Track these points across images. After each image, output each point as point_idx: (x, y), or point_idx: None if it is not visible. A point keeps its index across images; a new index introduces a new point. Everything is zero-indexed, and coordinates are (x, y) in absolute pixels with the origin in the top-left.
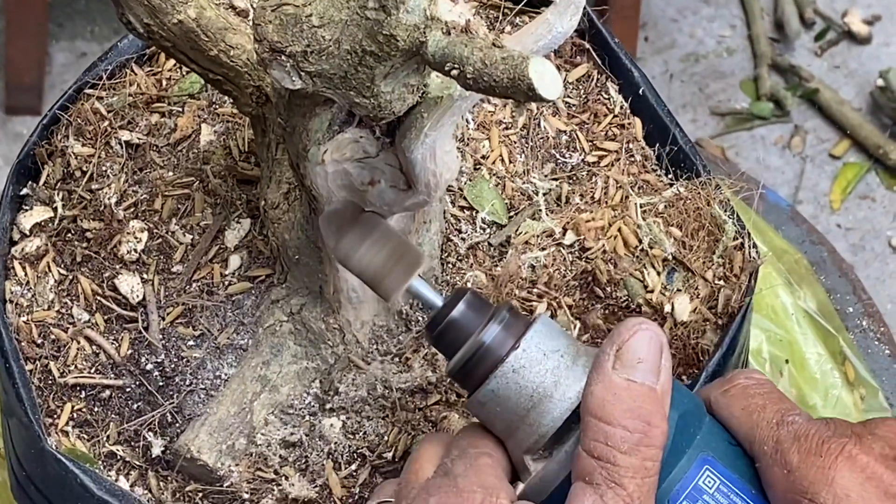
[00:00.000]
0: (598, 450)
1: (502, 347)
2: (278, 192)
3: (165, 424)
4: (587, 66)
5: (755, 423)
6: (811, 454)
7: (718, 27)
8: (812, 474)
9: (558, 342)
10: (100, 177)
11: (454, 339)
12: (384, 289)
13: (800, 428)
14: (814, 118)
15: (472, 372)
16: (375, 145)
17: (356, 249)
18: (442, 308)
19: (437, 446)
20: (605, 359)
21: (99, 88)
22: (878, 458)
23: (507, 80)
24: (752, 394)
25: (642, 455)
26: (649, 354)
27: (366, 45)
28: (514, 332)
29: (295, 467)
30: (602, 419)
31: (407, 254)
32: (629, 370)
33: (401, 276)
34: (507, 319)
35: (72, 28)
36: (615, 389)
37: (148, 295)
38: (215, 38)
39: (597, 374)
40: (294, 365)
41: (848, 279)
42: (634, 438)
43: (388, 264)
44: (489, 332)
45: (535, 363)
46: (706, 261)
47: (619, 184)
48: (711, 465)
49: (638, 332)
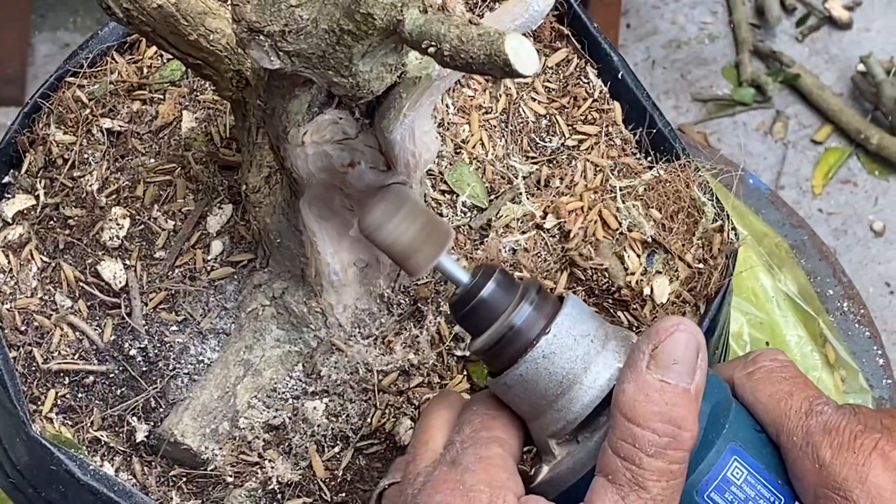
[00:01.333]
0: (625, 450)
1: (532, 330)
2: (259, 176)
3: (149, 409)
4: (566, 51)
5: (783, 411)
6: (843, 450)
7: (700, 14)
8: (845, 471)
9: (588, 325)
10: (81, 164)
11: (483, 319)
12: (412, 264)
13: (829, 419)
14: (795, 104)
15: (500, 354)
16: (355, 126)
17: (386, 222)
18: (471, 287)
19: (446, 411)
20: (640, 357)
21: (80, 76)
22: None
23: (483, 56)
24: (778, 378)
25: (669, 458)
26: (686, 356)
27: (343, 24)
28: (545, 314)
29: (278, 450)
30: (632, 420)
31: (438, 228)
32: (664, 371)
33: (431, 252)
34: (536, 300)
35: (54, 19)
36: (648, 390)
37: (130, 281)
38: (195, 23)
39: (630, 371)
40: (277, 349)
41: (828, 262)
42: (663, 442)
43: (418, 239)
44: (520, 314)
45: (566, 349)
46: (686, 243)
47: (599, 167)
48: (739, 456)
49: (676, 332)
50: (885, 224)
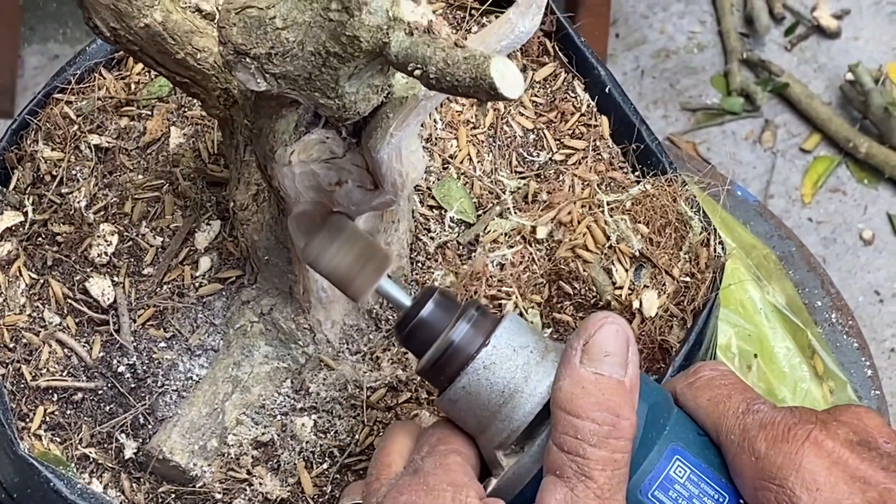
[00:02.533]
0: (568, 443)
1: (472, 345)
2: (247, 194)
3: (138, 426)
4: (554, 66)
5: (721, 412)
6: (778, 441)
7: (689, 23)
8: (780, 460)
9: (527, 338)
10: (70, 181)
11: (424, 338)
12: (353, 290)
13: (766, 416)
14: (784, 112)
15: (442, 370)
16: (342, 146)
17: (325, 251)
18: (411, 308)
19: (405, 438)
20: (573, 353)
21: (68, 93)
22: (844, 443)
23: (469, 79)
24: (718, 384)
25: (612, 447)
26: (616, 347)
27: (329, 47)
28: (484, 330)
29: (267, 467)
30: (571, 412)
31: (375, 254)
32: (597, 363)
33: (369, 276)
34: (475, 317)
35: (43, 31)
36: (583, 383)
37: (119, 297)
38: (182, 42)
39: (565, 368)
40: (265, 365)
41: (816, 273)
42: (603, 431)
43: (356, 265)
44: (458, 331)
45: (505, 359)
46: (673, 257)
47: (587, 182)
48: (681, 456)
49: (604, 326)
50: (875, 232)
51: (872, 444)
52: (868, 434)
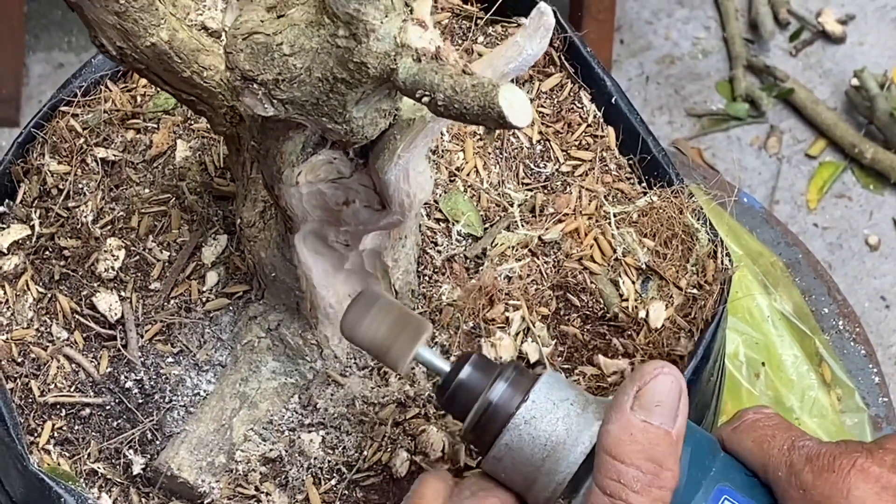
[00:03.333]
0: (612, 487)
1: (512, 402)
2: (254, 211)
3: (146, 442)
4: (560, 76)
5: (767, 451)
6: (824, 471)
7: (693, 29)
8: (828, 490)
9: (566, 392)
10: (76, 194)
11: (464, 402)
12: (391, 359)
13: (811, 450)
14: (789, 118)
15: (484, 430)
16: (349, 166)
17: (360, 323)
18: (449, 373)
19: (438, 483)
20: (625, 399)
21: (74, 105)
22: (892, 468)
23: (477, 107)
24: (762, 426)
25: (653, 496)
26: (668, 398)
27: (337, 73)
28: (522, 387)
29: (275, 483)
30: (616, 458)
31: (410, 323)
32: (647, 412)
33: (406, 344)
34: (513, 376)
35: (48, 39)
36: (632, 430)
37: (126, 312)
38: (188, 60)
39: (615, 413)
40: (272, 381)
41: (823, 280)
42: (647, 479)
43: (391, 334)
44: (497, 390)
45: (546, 412)
46: (680, 269)
47: (594, 193)
48: (729, 495)
49: (659, 376)
50: (881, 238)
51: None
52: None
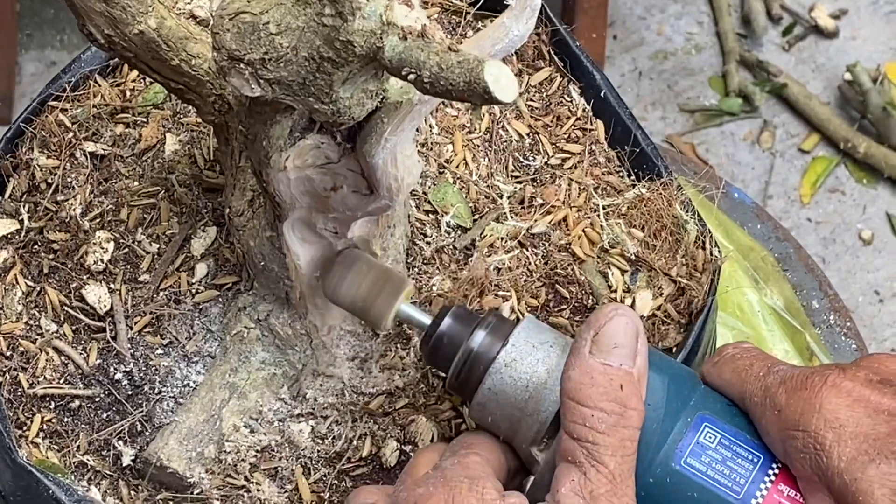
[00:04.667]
0: (578, 431)
1: (492, 348)
2: (242, 200)
3: (135, 433)
4: (549, 70)
5: (744, 379)
6: (797, 389)
7: (686, 24)
8: (800, 407)
9: (546, 335)
10: (65, 188)
11: (446, 353)
12: (373, 316)
13: (785, 373)
14: (782, 113)
15: (467, 378)
16: (337, 151)
17: (341, 283)
18: (429, 326)
19: (433, 453)
20: (583, 343)
21: (63, 100)
22: (863, 382)
23: (463, 83)
24: (740, 357)
25: (620, 435)
26: (626, 339)
27: (323, 52)
28: (502, 333)
29: (265, 473)
30: (580, 402)
31: (390, 280)
32: (605, 354)
33: (387, 301)
34: (493, 324)
35: (41, 37)
36: (592, 373)
37: (115, 304)
38: (176, 48)
39: (574, 358)
40: (262, 371)
41: (814, 275)
42: (612, 420)
43: (372, 292)
44: (477, 338)
45: (526, 355)
46: (669, 260)
47: (583, 186)
48: (710, 423)
49: (614, 318)
50: (874, 232)
51: (894, 382)
52: (889, 373)
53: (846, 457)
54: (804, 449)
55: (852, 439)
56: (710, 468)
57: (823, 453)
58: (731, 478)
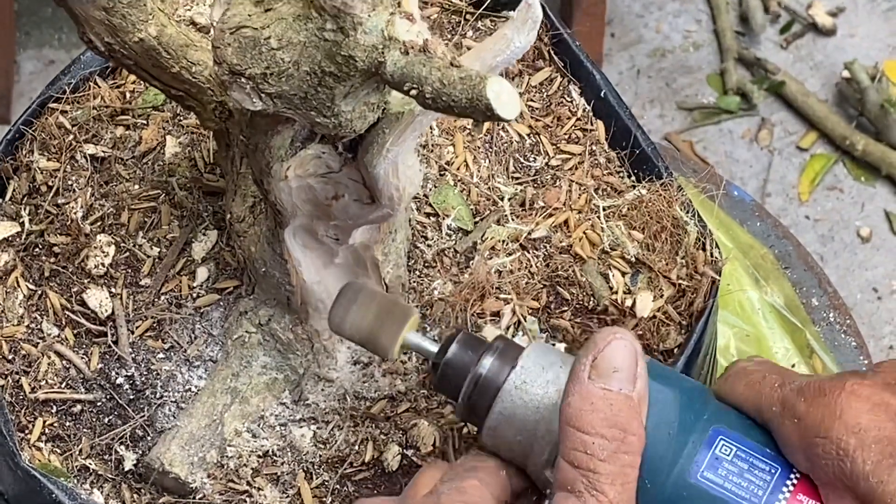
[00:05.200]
0: (579, 459)
1: (501, 372)
2: (243, 206)
3: (137, 438)
4: (549, 70)
5: (759, 392)
6: (816, 397)
7: (684, 22)
8: (820, 413)
9: (554, 356)
10: (66, 191)
11: (455, 380)
12: (381, 347)
13: (802, 382)
14: (780, 111)
15: (477, 403)
16: (338, 160)
17: (346, 316)
18: (436, 354)
19: (435, 472)
20: (581, 369)
21: (63, 102)
22: (882, 386)
23: (465, 100)
24: (752, 371)
25: (621, 462)
26: (625, 363)
27: (325, 67)
28: (511, 357)
29: (266, 478)
30: (580, 429)
31: (395, 310)
32: (605, 379)
33: (393, 331)
34: (501, 349)
35: (39, 36)
36: (592, 399)
37: (116, 309)
38: (177, 55)
39: (573, 384)
40: (263, 376)
41: (814, 273)
42: (613, 446)
43: (377, 323)
44: (485, 363)
45: (536, 377)
46: (669, 262)
47: (583, 187)
48: (725, 436)
49: (613, 342)
50: (872, 230)
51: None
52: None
53: (871, 461)
54: (827, 455)
55: (876, 443)
56: (727, 481)
57: (847, 458)
58: (749, 490)
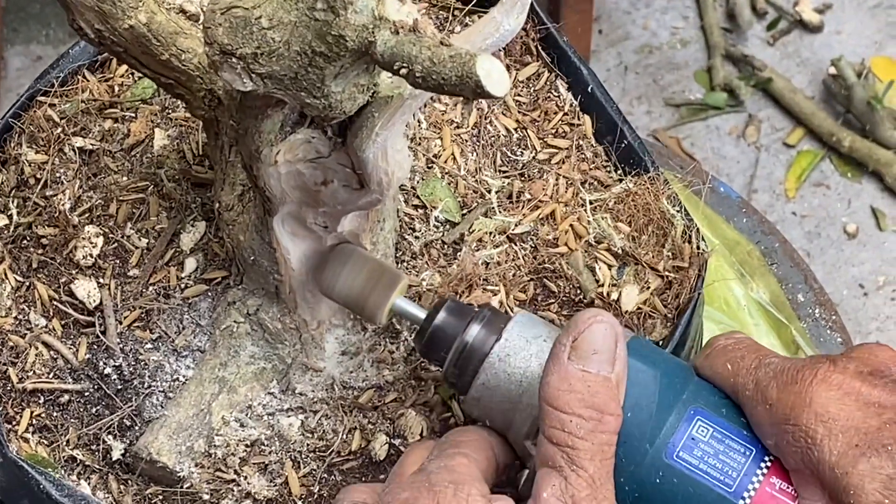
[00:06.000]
0: (557, 436)
1: (486, 342)
2: (232, 195)
3: (125, 428)
4: (537, 65)
5: (736, 371)
6: (788, 384)
7: (671, 19)
8: (791, 400)
9: (539, 329)
10: (54, 183)
11: (441, 347)
12: (368, 311)
13: (777, 366)
14: (767, 107)
15: (462, 372)
16: (327, 145)
17: (336, 279)
18: (424, 320)
19: (423, 451)
20: (562, 350)
21: (51, 95)
22: (854, 374)
23: (455, 77)
24: (731, 349)
25: (598, 440)
26: (605, 345)
27: (315, 46)
28: (496, 328)
29: (254, 467)
30: (558, 408)
31: (385, 274)
32: (584, 361)
33: (382, 296)
34: (487, 317)
35: (27, 32)
36: (570, 380)
37: (105, 299)
38: (166, 43)
39: (553, 364)
40: (251, 365)
41: (800, 269)
42: (590, 426)
43: (367, 287)
44: (471, 332)
45: (520, 349)
46: (656, 255)
47: (570, 181)
48: (702, 416)
49: (594, 324)
50: (859, 226)
51: (885, 373)
52: (880, 364)
53: (837, 450)
54: (795, 443)
55: (843, 433)
56: (702, 462)
57: (815, 447)
58: (723, 471)
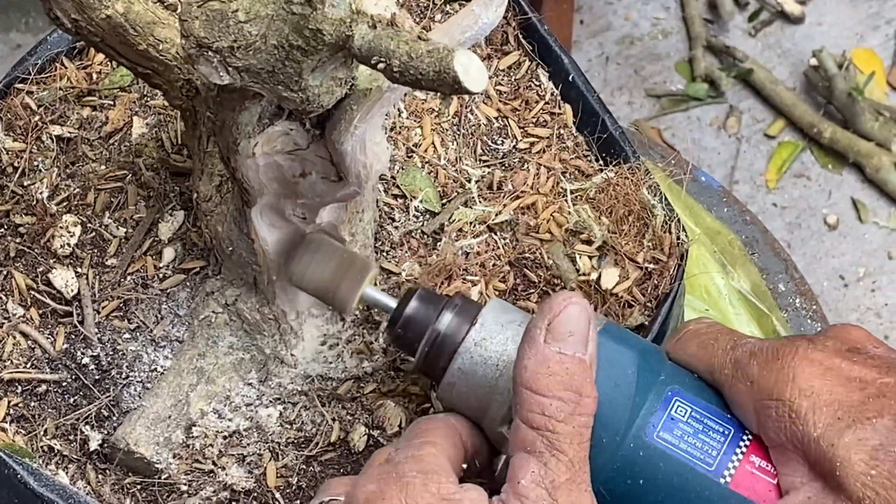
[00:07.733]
0: (536, 420)
1: (460, 329)
2: (210, 185)
3: (102, 418)
4: (517, 54)
5: (711, 353)
6: (769, 361)
7: (653, 9)
8: (773, 377)
9: (513, 315)
10: (31, 171)
11: (413, 336)
12: (339, 301)
13: (754, 345)
14: (748, 98)
15: (436, 360)
16: (306, 137)
17: (306, 269)
18: (395, 309)
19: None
20: (538, 332)
21: (29, 83)
22: (833, 352)
23: (432, 73)
24: (704, 332)
25: (577, 423)
26: (579, 327)
27: (292, 40)
28: (470, 315)
29: (232, 458)
30: (537, 391)
31: (354, 264)
32: (560, 343)
33: (351, 286)
34: (459, 306)
35: (6, 20)
36: (548, 362)
37: (82, 289)
38: (144, 33)
39: (529, 347)
40: (230, 356)
41: (780, 258)
42: (569, 408)
43: (336, 276)
44: (444, 320)
45: (495, 334)
46: (636, 244)
47: (551, 170)
48: (680, 396)
49: (569, 307)
50: (839, 217)
51: (861, 350)
52: (856, 342)
53: (822, 423)
54: (779, 418)
55: (827, 406)
56: (682, 441)
57: (799, 421)
58: (703, 450)
